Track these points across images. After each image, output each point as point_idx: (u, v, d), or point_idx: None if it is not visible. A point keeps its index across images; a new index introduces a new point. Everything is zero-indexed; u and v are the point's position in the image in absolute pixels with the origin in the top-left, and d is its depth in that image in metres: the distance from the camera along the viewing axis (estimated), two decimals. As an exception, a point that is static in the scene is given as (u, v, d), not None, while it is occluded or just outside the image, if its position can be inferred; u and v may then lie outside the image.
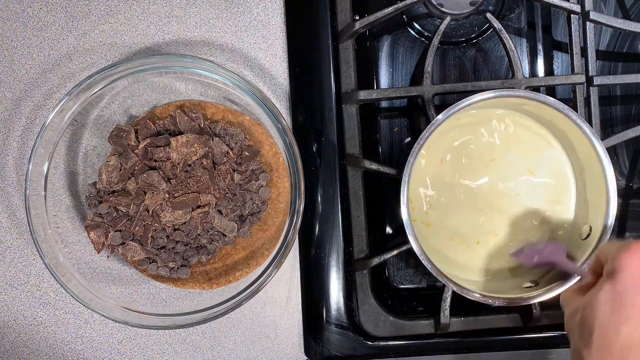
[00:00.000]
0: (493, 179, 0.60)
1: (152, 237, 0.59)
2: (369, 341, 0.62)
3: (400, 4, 0.60)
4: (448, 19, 0.61)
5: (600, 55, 0.68)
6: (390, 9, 0.60)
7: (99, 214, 0.59)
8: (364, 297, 0.63)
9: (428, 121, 0.56)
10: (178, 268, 0.61)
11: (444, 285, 0.59)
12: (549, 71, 0.68)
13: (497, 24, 0.60)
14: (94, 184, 0.60)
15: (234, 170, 0.60)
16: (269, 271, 0.58)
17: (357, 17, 0.64)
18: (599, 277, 0.46)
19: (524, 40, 0.68)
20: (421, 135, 0.55)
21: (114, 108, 0.62)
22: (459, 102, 0.55)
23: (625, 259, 0.43)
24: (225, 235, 0.61)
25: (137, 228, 0.59)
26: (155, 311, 0.59)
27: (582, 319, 0.45)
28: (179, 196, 0.58)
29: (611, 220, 0.55)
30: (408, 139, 0.68)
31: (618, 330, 0.42)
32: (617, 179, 0.58)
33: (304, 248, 0.62)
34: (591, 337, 0.43)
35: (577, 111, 0.58)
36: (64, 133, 0.58)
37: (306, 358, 0.63)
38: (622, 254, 0.43)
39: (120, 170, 0.59)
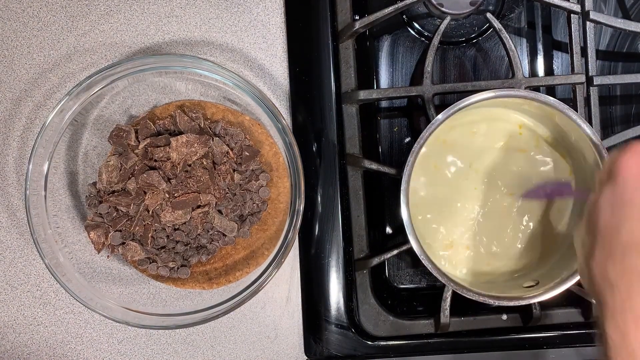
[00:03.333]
0: (492, 181, 0.60)
1: (152, 237, 0.59)
2: (369, 341, 0.62)
3: (400, 4, 0.60)
4: (448, 18, 0.61)
5: (600, 55, 0.68)
6: (390, 9, 0.60)
7: (99, 214, 0.59)
8: (364, 297, 0.63)
9: (428, 121, 0.56)
10: (178, 268, 0.61)
11: (444, 285, 0.59)
12: (549, 71, 0.68)
13: (497, 24, 0.60)
14: (94, 184, 0.60)
15: (234, 170, 0.60)
16: (269, 271, 0.58)
17: (357, 17, 0.64)
18: None
19: (524, 40, 0.68)
20: (421, 135, 0.55)
21: (114, 108, 0.62)
22: (459, 102, 0.55)
23: (623, 160, 0.43)
24: (225, 235, 0.61)
25: (137, 228, 0.59)
26: (155, 311, 0.59)
27: (587, 229, 0.44)
28: (179, 196, 0.58)
29: (611, 220, 0.55)
30: (408, 139, 0.68)
31: (618, 229, 0.41)
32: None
33: (304, 248, 0.62)
34: (595, 242, 0.42)
35: (577, 111, 0.57)
36: (64, 133, 0.58)
37: (306, 358, 0.63)
38: (621, 155, 0.43)
39: (120, 170, 0.59)
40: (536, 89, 0.60)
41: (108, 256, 0.61)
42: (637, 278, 0.39)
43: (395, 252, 0.61)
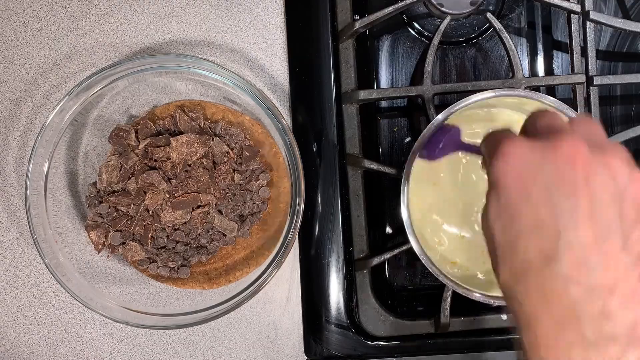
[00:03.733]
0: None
1: (152, 237, 0.59)
2: (369, 341, 0.62)
3: (400, 4, 0.60)
4: (448, 18, 0.61)
5: (600, 55, 0.68)
6: (390, 9, 0.60)
7: (99, 214, 0.59)
8: (364, 297, 0.63)
9: (428, 121, 0.56)
10: (178, 268, 0.61)
11: (444, 285, 0.59)
12: (549, 71, 0.68)
13: (497, 24, 0.60)
14: (94, 184, 0.60)
15: (234, 170, 0.60)
16: (269, 271, 0.58)
17: (357, 17, 0.64)
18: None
19: (524, 40, 0.68)
20: (421, 135, 0.55)
21: (114, 108, 0.62)
22: (459, 101, 0.55)
23: (500, 167, 0.38)
24: (225, 235, 0.61)
25: (137, 228, 0.59)
26: (155, 311, 0.59)
27: (485, 238, 0.41)
28: (179, 196, 0.58)
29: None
30: (408, 139, 0.68)
31: (514, 248, 0.38)
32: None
33: (304, 248, 0.62)
34: (495, 256, 0.39)
35: (577, 111, 0.58)
36: (64, 133, 0.58)
37: (306, 358, 0.63)
38: (495, 161, 0.38)
39: (121, 170, 0.59)
40: (536, 89, 0.60)
41: (108, 256, 0.61)
42: (541, 298, 0.36)
43: (395, 252, 0.61)
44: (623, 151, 0.38)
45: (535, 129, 0.41)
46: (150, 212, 0.59)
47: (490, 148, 0.40)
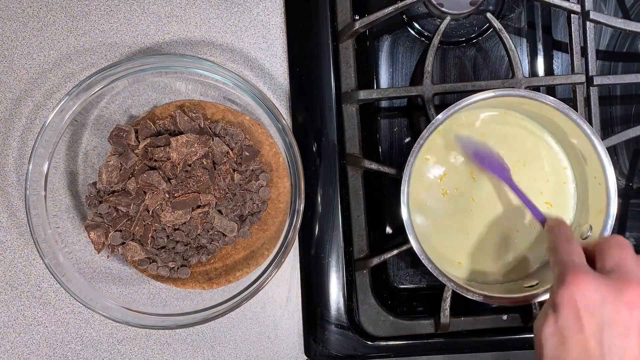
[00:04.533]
0: (491, 181, 0.60)
1: (152, 237, 0.59)
2: (369, 341, 0.62)
3: (400, 4, 0.60)
4: (448, 18, 0.61)
5: (600, 55, 0.68)
6: (390, 9, 0.60)
7: (99, 214, 0.59)
8: (364, 297, 0.63)
9: (428, 121, 0.56)
10: (178, 268, 0.61)
11: (444, 285, 0.59)
12: (549, 71, 0.68)
13: (497, 24, 0.60)
14: (94, 184, 0.60)
15: (234, 170, 0.60)
16: (269, 271, 0.58)
17: (357, 17, 0.64)
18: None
19: (524, 40, 0.68)
20: (421, 135, 0.55)
21: (114, 108, 0.62)
22: (459, 101, 0.55)
23: (564, 296, 0.44)
24: (225, 235, 0.61)
25: (137, 228, 0.59)
26: (155, 311, 0.59)
27: (535, 346, 0.46)
28: (179, 196, 0.58)
29: (611, 220, 0.55)
30: (408, 139, 0.68)
31: None
32: (617, 179, 0.58)
33: (304, 248, 0.62)
34: None
35: (577, 111, 0.58)
36: (64, 133, 0.58)
37: (306, 358, 0.63)
38: (560, 289, 0.44)
39: (120, 170, 0.59)
40: (536, 89, 0.60)
41: (108, 256, 0.61)
42: None
43: (395, 252, 0.61)
44: None
45: (603, 263, 0.46)
46: (150, 212, 0.59)
47: (559, 270, 0.45)
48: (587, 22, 0.60)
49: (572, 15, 0.61)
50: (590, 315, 0.43)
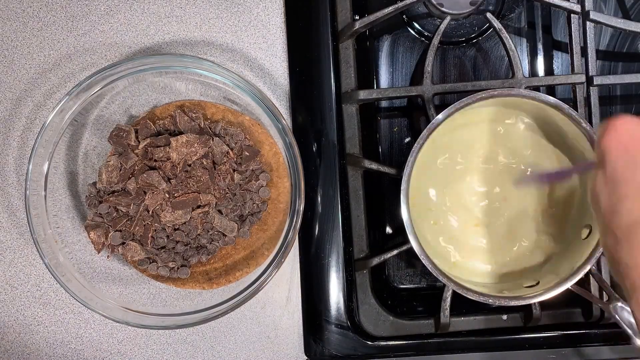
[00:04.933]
0: (491, 181, 0.60)
1: (152, 237, 0.59)
2: (369, 341, 0.62)
3: (400, 4, 0.60)
4: (448, 18, 0.61)
5: (600, 55, 0.68)
6: (390, 9, 0.60)
7: (99, 214, 0.59)
8: (364, 297, 0.63)
9: (428, 121, 0.56)
10: (178, 268, 0.61)
11: (444, 285, 0.59)
12: (549, 71, 0.68)
13: (497, 24, 0.60)
14: (94, 184, 0.60)
15: (234, 170, 0.60)
16: (269, 271, 0.58)
17: (357, 17, 0.64)
18: None
19: (524, 40, 0.68)
20: (421, 135, 0.55)
21: (114, 108, 0.62)
22: (459, 101, 0.55)
23: (607, 141, 0.42)
24: (225, 235, 0.61)
25: (137, 228, 0.59)
26: (155, 311, 0.59)
27: (594, 215, 0.44)
28: (179, 196, 0.58)
29: (611, 220, 0.55)
30: (408, 139, 0.68)
31: (618, 211, 0.41)
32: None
33: (304, 248, 0.62)
34: (603, 227, 0.43)
35: (577, 111, 0.57)
36: (64, 133, 0.58)
37: (306, 358, 0.63)
38: (603, 137, 0.43)
39: (120, 170, 0.59)
40: (536, 88, 0.60)
41: (108, 256, 0.61)
42: None
43: (395, 252, 0.61)
44: None
45: None
46: (150, 212, 0.59)
47: (602, 130, 0.43)
48: (587, 22, 0.60)
49: (572, 15, 0.61)
50: (639, 149, 0.41)
